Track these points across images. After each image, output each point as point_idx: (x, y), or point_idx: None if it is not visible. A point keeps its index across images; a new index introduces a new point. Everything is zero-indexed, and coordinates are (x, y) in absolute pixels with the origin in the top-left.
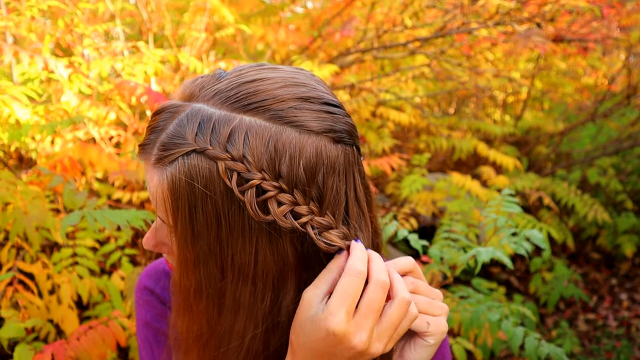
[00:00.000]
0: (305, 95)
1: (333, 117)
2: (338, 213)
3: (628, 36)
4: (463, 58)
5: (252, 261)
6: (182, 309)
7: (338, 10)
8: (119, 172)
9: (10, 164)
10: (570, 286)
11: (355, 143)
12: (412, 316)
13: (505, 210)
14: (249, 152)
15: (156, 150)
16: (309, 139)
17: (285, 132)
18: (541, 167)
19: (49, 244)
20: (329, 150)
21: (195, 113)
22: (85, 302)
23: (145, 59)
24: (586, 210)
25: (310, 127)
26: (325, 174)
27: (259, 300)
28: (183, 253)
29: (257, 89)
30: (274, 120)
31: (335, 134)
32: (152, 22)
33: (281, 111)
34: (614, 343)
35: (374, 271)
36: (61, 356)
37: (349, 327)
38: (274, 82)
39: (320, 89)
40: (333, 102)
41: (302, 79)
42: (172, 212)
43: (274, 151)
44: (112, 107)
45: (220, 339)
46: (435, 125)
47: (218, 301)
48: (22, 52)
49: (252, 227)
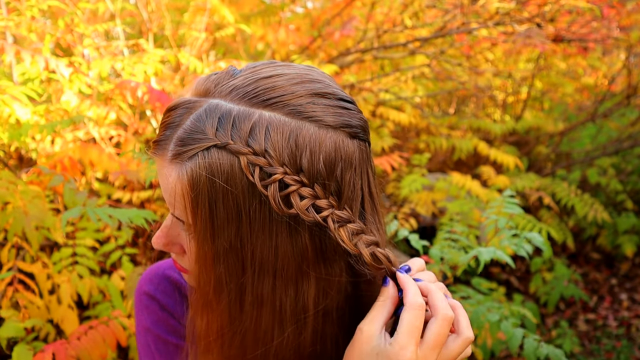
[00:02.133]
0: (321, 92)
1: (349, 113)
2: (355, 207)
3: (628, 36)
4: (463, 58)
5: (273, 255)
6: (202, 307)
7: (338, 10)
8: (119, 172)
9: (10, 164)
10: (571, 286)
11: (368, 139)
12: (467, 345)
13: (506, 212)
14: (270, 147)
15: (173, 145)
16: (328, 133)
17: (305, 127)
18: (541, 167)
19: (49, 243)
20: (346, 145)
21: (214, 108)
22: (85, 302)
23: (146, 58)
24: (586, 210)
25: (327, 122)
26: (343, 168)
27: (281, 295)
28: (202, 249)
29: (274, 85)
30: (293, 115)
31: (352, 129)
32: (152, 22)
33: (300, 106)
34: (614, 343)
35: (439, 307)
36: (62, 356)
37: (418, 358)
38: (290, 78)
39: (333, 85)
40: (347, 99)
41: (316, 75)
42: (191, 208)
43: (294, 145)
44: (112, 107)
45: (243, 337)
46: (435, 125)
47: (240, 297)
48: (24, 51)
49: (273, 221)
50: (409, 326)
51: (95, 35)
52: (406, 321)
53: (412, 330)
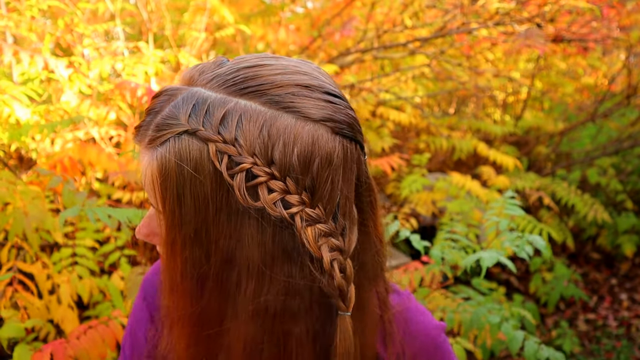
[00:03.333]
0: (305, 83)
1: (333, 107)
2: (329, 208)
3: (628, 36)
4: (463, 58)
5: (237, 247)
6: (169, 288)
7: (338, 10)
8: (118, 172)
9: (10, 164)
10: (570, 286)
11: (357, 138)
12: None
13: (507, 213)
14: (241, 136)
15: (150, 131)
16: (306, 126)
17: (280, 118)
18: (541, 167)
19: (48, 244)
20: (326, 140)
21: (192, 95)
22: (85, 302)
23: (145, 59)
24: (586, 210)
25: (307, 114)
26: (320, 164)
27: (242, 288)
28: (170, 235)
29: (255, 74)
30: (270, 105)
31: (334, 124)
32: (152, 22)
33: (278, 96)
34: (614, 343)
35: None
36: (60, 355)
37: None
38: (273, 68)
39: (322, 79)
40: (334, 92)
41: (305, 68)
42: (160, 193)
43: (267, 136)
44: (112, 107)
45: (207, 319)
46: (435, 125)
47: (202, 284)
48: (23, 52)
49: (239, 213)
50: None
51: (95, 35)
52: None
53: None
